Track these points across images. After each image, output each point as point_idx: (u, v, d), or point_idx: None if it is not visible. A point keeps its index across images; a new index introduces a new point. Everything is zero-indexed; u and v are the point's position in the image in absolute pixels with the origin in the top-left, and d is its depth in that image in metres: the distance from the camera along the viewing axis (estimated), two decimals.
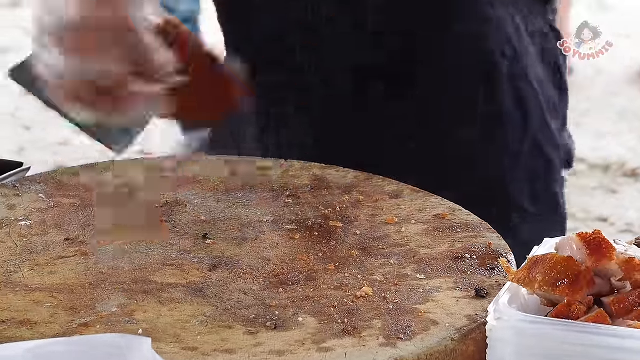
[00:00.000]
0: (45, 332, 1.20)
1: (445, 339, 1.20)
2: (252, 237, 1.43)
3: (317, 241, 1.42)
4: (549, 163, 1.74)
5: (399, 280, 1.33)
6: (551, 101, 1.74)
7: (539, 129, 1.72)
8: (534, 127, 1.72)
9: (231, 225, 1.46)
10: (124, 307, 1.26)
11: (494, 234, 1.44)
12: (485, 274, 1.34)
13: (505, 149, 1.70)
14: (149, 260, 1.36)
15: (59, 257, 1.37)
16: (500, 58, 1.68)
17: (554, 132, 1.74)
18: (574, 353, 1.11)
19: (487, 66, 1.68)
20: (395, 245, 1.41)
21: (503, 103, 1.69)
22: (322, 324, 1.23)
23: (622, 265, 1.19)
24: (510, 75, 1.69)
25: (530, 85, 1.71)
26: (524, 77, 1.69)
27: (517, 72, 1.69)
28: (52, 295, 1.28)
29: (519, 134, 1.71)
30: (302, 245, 1.41)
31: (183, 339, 1.19)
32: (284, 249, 1.40)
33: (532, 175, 1.72)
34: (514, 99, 1.70)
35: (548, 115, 1.73)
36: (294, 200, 1.52)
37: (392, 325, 1.22)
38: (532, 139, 1.72)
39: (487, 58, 1.66)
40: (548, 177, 1.75)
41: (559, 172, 1.76)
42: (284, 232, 1.45)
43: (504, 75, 1.68)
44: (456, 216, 1.49)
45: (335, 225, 1.46)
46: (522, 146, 1.71)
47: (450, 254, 1.39)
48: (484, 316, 1.23)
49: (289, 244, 1.42)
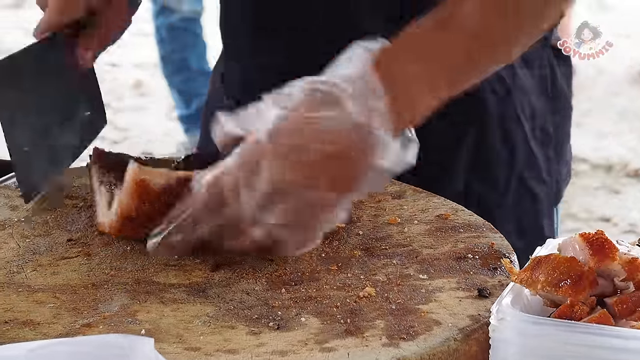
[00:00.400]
0: (48, 332, 1.20)
1: (448, 339, 1.20)
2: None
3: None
4: (534, 197, 1.76)
5: (402, 280, 1.33)
6: (539, 122, 1.74)
7: (525, 165, 1.74)
8: (520, 163, 1.74)
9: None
10: (127, 307, 1.26)
11: (497, 234, 1.44)
12: (487, 274, 1.34)
13: (493, 188, 1.72)
14: (152, 260, 1.36)
15: (62, 258, 1.37)
16: (490, 94, 1.69)
17: (540, 165, 1.75)
18: (576, 354, 1.11)
19: (477, 107, 1.69)
20: (397, 245, 1.41)
21: (491, 143, 1.71)
22: (325, 324, 1.23)
23: (625, 265, 1.19)
24: (499, 115, 1.70)
25: (517, 120, 1.72)
26: (512, 113, 1.70)
27: (506, 110, 1.70)
28: (54, 296, 1.28)
29: (506, 172, 1.73)
30: None
31: (186, 339, 1.19)
32: None
33: (518, 211, 1.74)
34: (501, 138, 1.71)
35: (535, 145, 1.74)
36: None
37: (394, 326, 1.22)
38: (518, 176, 1.74)
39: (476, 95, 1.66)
40: (534, 212, 1.76)
41: (545, 206, 1.77)
42: None
43: (493, 117, 1.69)
44: (459, 216, 1.49)
45: (337, 225, 1.46)
46: (509, 184, 1.73)
47: (452, 254, 1.39)
48: (486, 316, 1.23)
49: None
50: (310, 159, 1.26)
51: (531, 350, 1.13)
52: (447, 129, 1.67)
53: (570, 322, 1.13)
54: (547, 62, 1.75)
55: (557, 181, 1.80)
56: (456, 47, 1.34)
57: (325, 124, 1.26)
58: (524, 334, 1.13)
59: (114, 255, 1.38)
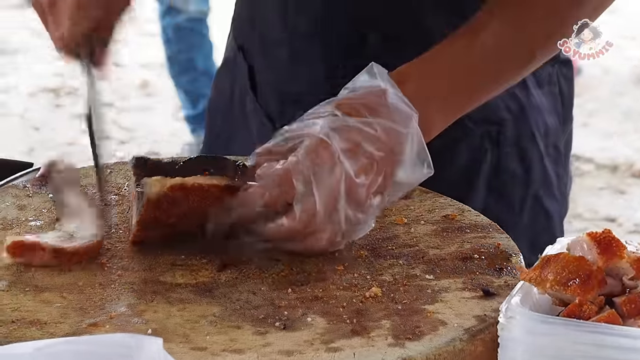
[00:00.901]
0: (54, 331, 1.20)
1: (453, 339, 1.20)
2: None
3: None
4: (548, 214, 1.77)
5: (408, 280, 1.33)
6: (552, 140, 1.76)
7: (540, 183, 1.76)
8: (535, 182, 1.75)
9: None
10: (133, 307, 1.26)
11: (503, 234, 1.44)
12: (494, 275, 1.34)
13: (509, 208, 1.73)
14: (159, 260, 1.36)
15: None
16: (506, 113, 1.69)
17: (553, 182, 1.76)
18: (585, 353, 1.11)
19: (494, 128, 1.70)
20: (404, 245, 1.41)
21: (508, 163, 1.72)
22: (331, 324, 1.23)
23: (634, 263, 1.19)
24: (515, 134, 1.71)
25: (533, 139, 1.73)
26: (528, 132, 1.72)
27: (522, 129, 1.71)
28: (61, 296, 1.28)
29: (522, 192, 1.74)
30: None
31: (192, 339, 1.19)
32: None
33: (533, 229, 1.75)
34: (518, 157, 1.72)
35: (549, 163, 1.75)
36: None
37: (400, 326, 1.22)
38: (533, 195, 1.75)
39: (492, 115, 1.67)
40: (548, 229, 1.78)
41: (557, 222, 1.79)
42: None
43: (510, 137, 1.70)
44: (465, 217, 1.49)
45: None
46: (524, 203, 1.75)
47: (459, 255, 1.39)
48: (492, 316, 1.23)
49: None
50: (365, 159, 1.33)
51: (540, 349, 1.13)
52: (466, 150, 1.70)
53: (579, 321, 1.13)
54: (556, 79, 1.76)
55: (565, 195, 1.81)
56: (476, 65, 1.44)
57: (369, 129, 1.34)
58: (532, 332, 1.13)
59: (122, 255, 1.38)
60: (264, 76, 1.77)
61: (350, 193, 1.33)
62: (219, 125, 1.90)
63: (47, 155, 5.00)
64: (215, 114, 1.92)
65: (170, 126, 5.60)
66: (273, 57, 1.74)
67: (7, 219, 1.45)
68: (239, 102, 1.83)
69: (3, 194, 1.52)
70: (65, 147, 5.27)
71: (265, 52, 1.76)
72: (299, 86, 1.71)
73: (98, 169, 1.53)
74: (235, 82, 1.84)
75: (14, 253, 1.32)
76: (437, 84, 1.43)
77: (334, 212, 1.33)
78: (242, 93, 1.82)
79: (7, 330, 1.20)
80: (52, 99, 5.83)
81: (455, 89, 1.45)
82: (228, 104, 1.86)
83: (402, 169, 1.35)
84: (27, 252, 1.32)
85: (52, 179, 1.49)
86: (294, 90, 1.72)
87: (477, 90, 1.48)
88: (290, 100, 1.72)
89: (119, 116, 5.57)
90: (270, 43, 1.74)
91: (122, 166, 1.60)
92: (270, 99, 1.76)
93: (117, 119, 5.56)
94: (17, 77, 6.13)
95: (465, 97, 1.47)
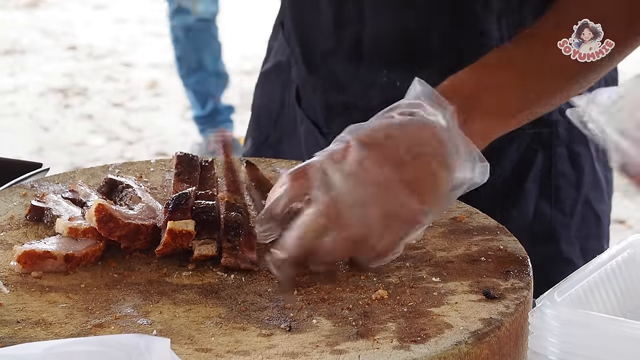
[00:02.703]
0: (59, 332, 1.20)
1: (459, 342, 1.20)
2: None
3: None
4: (598, 218, 1.77)
5: (414, 283, 1.32)
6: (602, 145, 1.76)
7: (591, 187, 1.76)
8: (586, 186, 1.75)
9: None
10: (139, 308, 1.26)
11: (511, 237, 1.44)
12: (501, 278, 1.33)
13: (560, 210, 1.73)
14: (165, 261, 1.36)
15: None
16: (558, 115, 1.69)
17: (603, 187, 1.77)
18: (617, 345, 1.10)
19: (547, 131, 1.71)
20: (411, 247, 1.41)
21: (560, 165, 1.72)
22: (337, 326, 1.23)
23: None
24: (568, 138, 1.71)
25: (585, 143, 1.73)
26: (581, 136, 1.71)
27: (575, 133, 1.71)
28: (67, 296, 1.28)
29: (573, 195, 1.74)
30: None
31: (197, 340, 1.19)
32: None
33: (583, 232, 1.74)
34: (570, 161, 1.73)
35: (599, 167, 1.75)
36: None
37: (406, 328, 1.22)
38: (584, 198, 1.75)
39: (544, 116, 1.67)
40: (598, 233, 1.78)
41: (605, 226, 1.79)
42: None
43: (563, 140, 1.71)
44: (473, 219, 1.49)
45: None
46: (575, 206, 1.74)
47: (466, 257, 1.38)
48: (498, 319, 1.23)
49: None
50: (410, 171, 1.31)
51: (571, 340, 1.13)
52: (516, 150, 1.70)
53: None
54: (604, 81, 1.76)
55: (611, 200, 1.81)
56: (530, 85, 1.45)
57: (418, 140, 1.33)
58: (565, 323, 1.13)
59: (128, 256, 1.38)
60: (312, 83, 1.77)
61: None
62: (267, 129, 1.90)
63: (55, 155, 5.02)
64: (263, 118, 1.91)
65: (179, 126, 5.60)
66: (324, 67, 1.75)
67: (14, 218, 1.46)
68: (289, 107, 1.84)
69: (11, 193, 1.52)
70: (73, 148, 5.28)
71: (316, 60, 1.76)
72: (347, 97, 1.72)
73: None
74: (286, 87, 1.85)
75: (25, 263, 1.32)
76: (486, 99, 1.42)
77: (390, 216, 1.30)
78: (292, 99, 1.83)
79: (12, 331, 1.20)
80: (61, 99, 5.84)
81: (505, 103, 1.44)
82: (278, 109, 1.87)
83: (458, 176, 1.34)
84: (39, 261, 1.32)
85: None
86: (341, 100, 1.73)
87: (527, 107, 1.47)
88: (338, 109, 1.73)
89: (128, 116, 5.58)
90: (321, 52, 1.74)
91: (130, 167, 1.61)
92: (317, 106, 1.77)
93: (126, 119, 5.57)
94: (26, 77, 6.14)
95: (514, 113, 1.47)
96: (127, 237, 1.36)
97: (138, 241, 1.37)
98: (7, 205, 1.49)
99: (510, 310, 1.25)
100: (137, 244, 1.37)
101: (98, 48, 6.49)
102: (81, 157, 5.15)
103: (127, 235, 1.36)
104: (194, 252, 1.35)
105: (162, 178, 1.57)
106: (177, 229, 1.34)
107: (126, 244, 1.37)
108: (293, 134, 1.83)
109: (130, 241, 1.37)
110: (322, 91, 1.75)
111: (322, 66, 1.74)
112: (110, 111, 5.63)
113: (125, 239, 1.36)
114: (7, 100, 5.82)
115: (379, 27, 1.67)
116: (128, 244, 1.37)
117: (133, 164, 1.61)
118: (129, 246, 1.37)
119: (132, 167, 1.60)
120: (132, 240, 1.37)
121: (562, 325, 1.16)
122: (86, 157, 5.16)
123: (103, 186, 1.49)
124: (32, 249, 1.33)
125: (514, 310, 1.26)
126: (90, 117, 5.58)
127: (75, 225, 1.36)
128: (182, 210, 1.36)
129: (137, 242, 1.37)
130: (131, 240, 1.37)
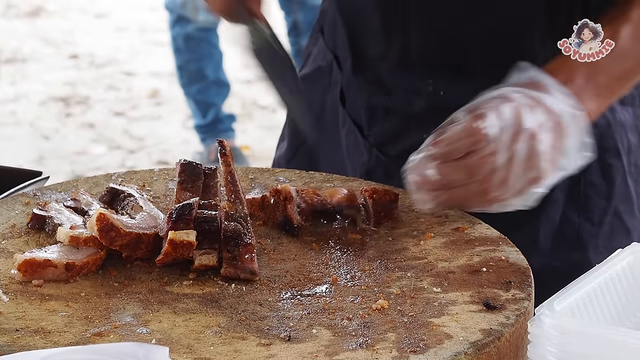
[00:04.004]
0: (58, 340, 1.20)
1: (458, 352, 1.19)
2: (271, 249, 1.43)
3: (335, 253, 1.42)
4: (628, 231, 1.77)
5: (415, 293, 1.32)
6: (634, 158, 1.77)
7: (621, 199, 1.76)
8: (617, 197, 1.75)
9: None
10: (139, 316, 1.26)
11: (512, 247, 1.44)
12: (502, 288, 1.33)
13: (589, 219, 1.73)
14: (166, 270, 1.36)
15: None
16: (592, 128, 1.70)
17: (634, 200, 1.77)
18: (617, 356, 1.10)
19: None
20: (413, 258, 1.41)
21: (591, 175, 1.72)
22: (336, 336, 1.22)
23: None
24: (600, 148, 1.71)
25: (617, 154, 1.74)
26: (613, 147, 1.72)
27: (607, 144, 1.72)
28: (67, 305, 1.28)
29: (603, 205, 1.75)
30: (320, 257, 1.41)
31: (196, 350, 1.19)
32: (302, 261, 1.40)
33: (612, 244, 1.74)
34: (601, 171, 1.73)
35: (630, 180, 1.76)
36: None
37: (405, 339, 1.21)
38: (614, 210, 1.75)
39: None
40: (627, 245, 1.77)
41: (636, 240, 1.78)
42: (302, 244, 1.44)
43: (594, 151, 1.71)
44: (475, 230, 1.48)
45: (354, 237, 1.46)
46: (604, 217, 1.75)
47: (467, 268, 1.38)
48: (498, 330, 1.23)
49: (307, 255, 1.42)
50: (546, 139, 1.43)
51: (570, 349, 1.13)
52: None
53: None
54: (638, 101, 1.77)
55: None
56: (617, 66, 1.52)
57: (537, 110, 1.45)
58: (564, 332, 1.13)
59: (129, 265, 1.37)
60: (358, 85, 1.78)
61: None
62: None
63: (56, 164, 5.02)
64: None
65: (180, 135, 5.60)
66: (371, 70, 1.75)
67: (16, 227, 1.45)
68: (330, 109, 1.84)
69: (13, 202, 1.52)
70: (74, 156, 5.28)
71: (364, 63, 1.77)
72: (390, 101, 1.72)
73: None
74: (327, 91, 1.85)
75: (26, 271, 1.32)
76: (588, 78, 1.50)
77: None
78: (334, 103, 1.83)
79: (11, 339, 1.20)
80: (62, 108, 5.84)
81: (601, 81, 1.51)
82: (318, 112, 1.87)
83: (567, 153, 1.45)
84: (39, 270, 1.32)
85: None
86: (385, 103, 1.73)
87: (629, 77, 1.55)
88: (381, 113, 1.74)
89: (129, 125, 5.58)
90: (370, 56, 1.75)
91: (133, 175, 1.60)
92: (361, 107, 1.77)
93: (128, 127, 5.56)
94: (28, 85, 6.14)
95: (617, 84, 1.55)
96: (128, 246, 1.36)
97: (139, 250, 1.37)
98: (9, 214, 1.49)
99: (510, 321, 1.25)
100: (138, 253, 1.37)
101: (99, 57, 6.49)
102: (82, 166, 5.15)
103: (128, 244, 1.36)
104: (195, 262, 1.35)
105: (165, 187, 1.57)
106: (178, 239, 1.34)
107: (127, 253, 1.37)
108: (332, 137, 1.83)
109: (131, 250, 1.37)
110: (368, 93, 1.76)
111: (370, 69, 1.75)
112: (111, 120, 5.62)
113: (127, 248, 1.36)
114: (8, 109, 5.82)
115: (425, 39, 1.69)
116: (129, 253, 1.37)
117: (136, 173, 1.61)
118: (130, 255, 1.37)
119: (135, 175, 1.60)
120: (133, 249, 1.37)
121: (561, 334, 1.16)
122: (87, 165, 5.16)
123: (105, 195, 1.49)
124: (32, 257, 1.32)
125: (514, 321, 1.25)
126: (91, 126, 5.58)
127: (76, 234, 1.36)
128: (185, 220, 1.36)
129: (138, 251, 1.37)
130: (132, 249, 1.37)
